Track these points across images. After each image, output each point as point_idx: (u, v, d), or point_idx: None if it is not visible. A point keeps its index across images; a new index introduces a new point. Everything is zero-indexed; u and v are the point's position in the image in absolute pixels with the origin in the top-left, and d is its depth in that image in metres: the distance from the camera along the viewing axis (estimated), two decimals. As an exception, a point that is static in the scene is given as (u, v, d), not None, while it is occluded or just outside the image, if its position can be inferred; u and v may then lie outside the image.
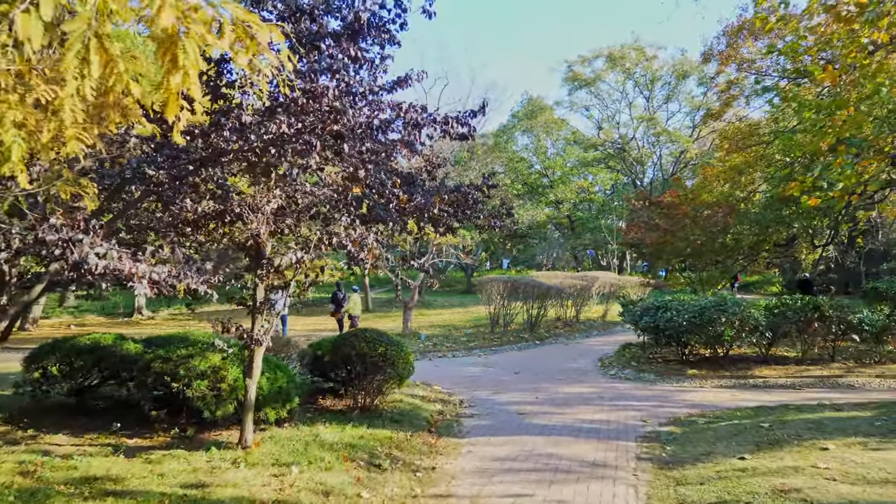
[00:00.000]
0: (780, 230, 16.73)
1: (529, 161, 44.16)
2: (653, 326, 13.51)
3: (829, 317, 12.85)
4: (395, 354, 8.63)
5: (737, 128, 18.55)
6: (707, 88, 40.39)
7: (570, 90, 42.93)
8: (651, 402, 10.46)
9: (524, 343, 18.96)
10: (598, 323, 23.54)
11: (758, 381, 12.27)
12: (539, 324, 20.93)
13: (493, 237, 37.66)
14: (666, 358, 14.55)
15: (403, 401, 9.78)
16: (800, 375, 12.51)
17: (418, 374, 13.34)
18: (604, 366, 14.60)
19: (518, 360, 15.81)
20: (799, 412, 9.10)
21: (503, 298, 20.46)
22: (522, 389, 11.81)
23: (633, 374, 13.36)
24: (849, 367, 13.14)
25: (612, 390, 11.67)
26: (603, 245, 42.43)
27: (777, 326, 13.01)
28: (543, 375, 13.45)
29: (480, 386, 12.23)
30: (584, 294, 23.05)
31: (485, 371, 14.22)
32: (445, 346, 18.08)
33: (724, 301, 12.88)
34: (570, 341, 19.72)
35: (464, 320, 25.52)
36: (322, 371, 9.36)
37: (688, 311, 12.89)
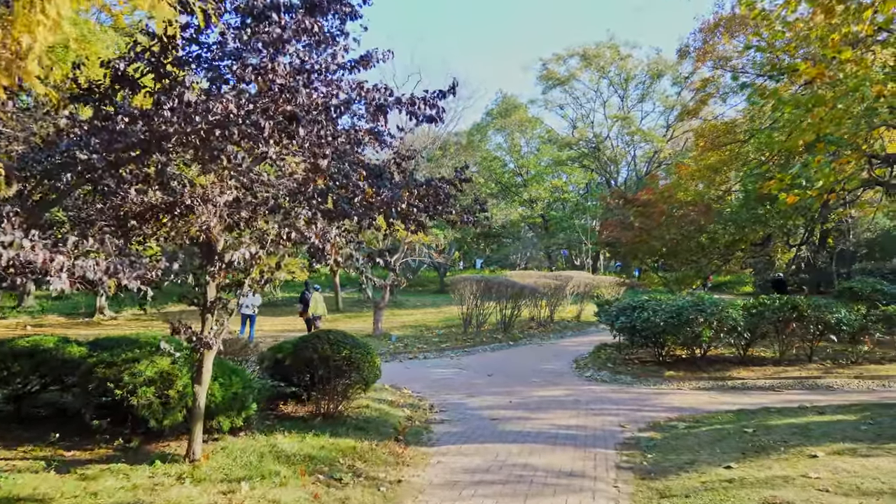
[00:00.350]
0: (756, 229, 16.56)
1: (503, 160, 43.80)
2: (629, 327, 13.16)
3: (808, 317, 12.63)
4: (361, 357, 8.10)
5: (713, 126, 18.36)
6: (681, 88, 40.44)
7: (545, 89, 42.76)
8: (629, 406, 10.07)
9: (497, 344, 18.54)
10: (573, 323, 23.23)
11: (736, 383, 11.98)
12: (513, 324, 20.53)
13: (467, 236, 37.18)
14: (642, 359, 14.22)
15: (370, 406, 9.26)
16: (778, 377, 12.26)
17: (388, 377, 12.83)
18: (579, 367, 14.23)
19: (491, 362, 15.38)
20: (782, 416, 8.77)
21: (476, 298, 20.02)
22: (496, 393, 11.36)
23: (610, 375, 12.99)
24: (826, 368, 12.93)
25: (588, 393, 11.27)
26: (577, 245, 42.24)
27: (755, 327, 12.75)
28: (517, 378, 13.02)
29: (452, 389, 11.75)
30: (559, 294, 22.72)
31: (457, 373, 13.75)
32: (417, 348, 17.58)
33: (702, 301, 12.58)
34: (545, 342, 19.35)
35: (436, 320, 25.04)
36: (284, 375, 8.78)
37: (665, 312, 12.57)
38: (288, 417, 8.45)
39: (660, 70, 40.14)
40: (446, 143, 36.95)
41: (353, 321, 26.26)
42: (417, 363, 15.44)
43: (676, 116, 22.02)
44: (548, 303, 22.53)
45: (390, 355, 16.54)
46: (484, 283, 19.71)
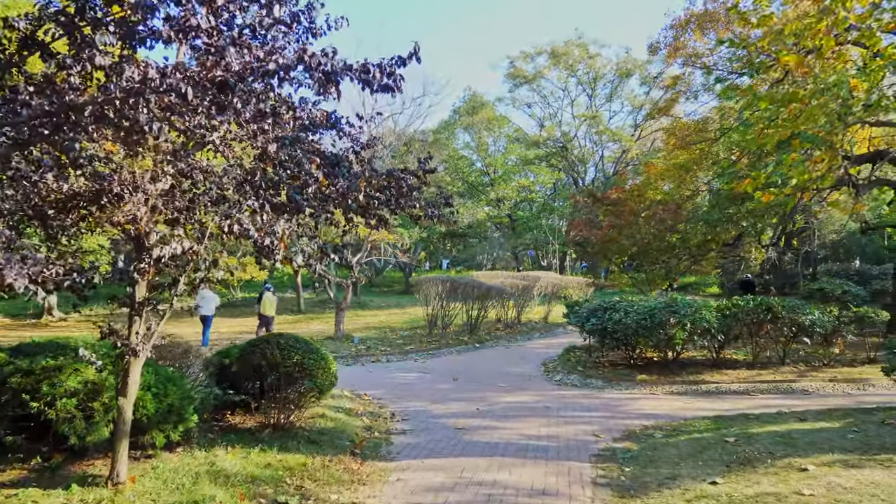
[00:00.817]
0: (728, 229, 16.29)
1: (470, 159, 43.26)
2: (600, 329, 12.67)
3: (782, 318, 12.30)
4: (314, 363, 7.40)
5: (684, 124, 18.07)
6: (650, 87, 40.38)
7: (512, 87, 42.28)
8: (602, 413, 9.54)
9: (463, 346, 17.94)
10: (540, 324, 22.76)
11: (710, 387, 11.58)
12: (479, 326, 19.97)
13: (433, 235, 36.55)
14: (613, 362, 13.76)
15: (326, 415, 8.55)
16: (752, 380, 11.90)
17: (348, 382, 12.13)
18: (548, 371, 13.70)
19: (457, 365, 14.76)
20: (762, 423, 8.34)
21: (442, 299, 19.41)
22: (462, 399, 10.74)
23: (580, 380, 12.49)
24: (800, 371, 12.64)
25: (558, 399, 10.73)
26: (544, 245, 41.90)
27: (728, 329, 12.38)
28: (484, 382, 12.43)
29: (415, 395, 11.10)
30: (526, 295, 22.23)
31: (421, 377, 13.10)
32: (380, 350, 16.88)
33: (675, 302, 12.16)
34: (512, 344, 18.82)
35: (401, 322, 24.35)
36: (231, 382, 8.04)
37: (637, 313, 12.11)
38: (234, 429, 7.70)
39: (628, 69, 40.00)
40: (411, 141, 36.25)
41: (314, 322, 25.45)
42: (380, 366, 14.76)
43: (646, 114, 21.68)
44: (515, 304, 22.03)
45: (352, 358, 15.83)
46: (450, 284, 19.11)
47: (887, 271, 21.71)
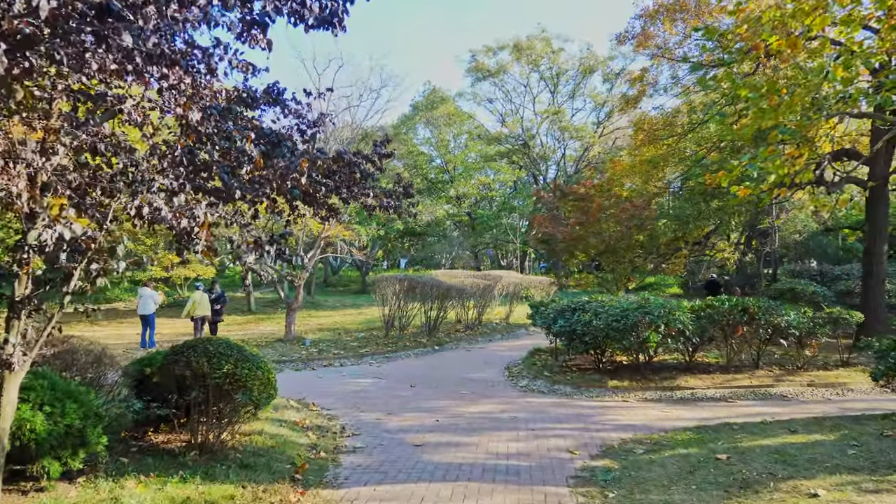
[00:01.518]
0: (699, 225, 15.72)
1: (430, 155, 42.24)
2: (568, 331, 11.85)
3: (758, 320, 11.67)
4: (249, 374, 6.32)
5: (652, 119, 17.48)
6: (612, 85, 40.00)
7: (474, 81, 41.22)
8: (574, 424, 8.69)
9: (422, 349, 16.98)
10: (502, 325, 21.94)
11: (685, 393, 10.87)
12: (438, 327, 19.03)
13: (390, 233, 35.44)
14: (580, 366, 12.97)
15: (265, 432, 7.47)
16: (728, 385, 11.23)
17: (296, 389, 11.07)
18: (512, 376, 12.85)
19: (415, 370, 13.79)
20: (751, 436, 7.58)
21: (399, 299, 18.40)
22: (420, 409, 9.77)
23: (547, 385, 11.66)
24: (776, 375, 12.04)
25: (526, 408, 9.85)
26: (504, 244, 41.19)
27: (703, 331, 11.70)
28: (445, 389, 11.49)
29: (369, 404, 10.09)
30: (487, 294, 21.38)
31: (376, 383, 12.09)
32: (333, 353, 15.79)
33: (648, 302, 11.41)
34: (473, 346, 17.93)
35: (356, 323, 23.24)
36: (155, 394, 6.92)
37: (608, 314, 11.32)
38: (155, 450, 6.58)
39: (591, 66, 39.48)
40: (368, 136, 35.08)
41: (265, 323, 24.16)
42: (332, 371, 13.68)
43: (617, 107, 20.83)
44: (476, 304, 21.17)
45: (302, 362, 14.72)
46: (408, 283, 18.12)
47: (849, 272, 21.55)
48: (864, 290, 16.22)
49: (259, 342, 17.73)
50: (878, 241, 16.29)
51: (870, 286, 16.22)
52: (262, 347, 16.65)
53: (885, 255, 16.42)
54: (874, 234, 16.26)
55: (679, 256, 17.41)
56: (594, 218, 15.67)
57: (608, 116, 41.25)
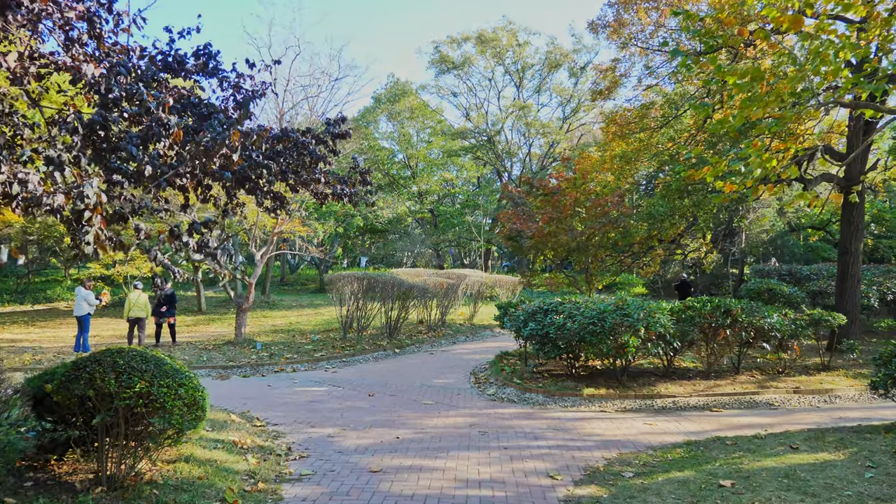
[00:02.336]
0: (675, 223, 15.02)
1: (392, 150, 40.98)
2: (540, 335, 10.95)
3: (741, 322, 10.95)
4: (168, 394, 5.20)
5: (626, 111, 16.72)
6: (578, 80, 39.32)
7: (438, 73, 39.91)
8: (551, 441, 7.77)
9: (382, 352, 15.93)
10: (466, 326, 21.00)
11: (667, 402, 10.08)
12: (399, 328, 17.99)
13: (350, 230, 34.17)
14: (553, 372, 12.10)
15: (194, 457, 6.35)
16: (711, 393, 10.47)
17: (240, 400, 9.98)
18: (479, 382, 11.91)
19: (374, 376, 12.76)
20: (752, 455, 6.76)
21: (358, 299, 17.30)
22: (379, 422, 8.75)
23: (517, 394, 10.74)
24: (758, 381, 11.34)
25: (496, 420, 8.91)
26: (467, 242, 40.26)
27: (684, 334, 10.93)
28: (406, 398, 10.49)
29: (322, 417, 9.03)
30: (451, 294, 20.43)
31: (331, 392, 11.01)
32: (285, 358, 14.63)
33: (626, 304, 10.58)
34: (436, 349, 16.95)
35: (313, 324, 22.05)
36: (58, 415, 5.77)
37: (584, 317, 10.45)
38: (58, 483, 5.44)
39: (556, 60, 38.65)
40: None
41: (214, 324, 22.76)
42: (284, 378, 12.55)
43: (587, 97, 19.89)
44: (439, 304, 20.19)
45: (251, 368, 13.55)
46: (367, 282, 17.03)
47: (818, 271, 21.21)
48: (840, 290, 15.74)
49: (206, 345, 16.47)
50: (855, 239, 15.83)
51: (846, 287, 15.74)
52: (209, 351, 15.43)
53: (861, 254, 15.99)
54: (850, 232, 15.79)
55: (654, 255, 16.73)
56: (566, 214, 14.84)
57: (574, 112, 40.57)
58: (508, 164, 41.47)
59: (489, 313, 24.09)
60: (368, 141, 37.97)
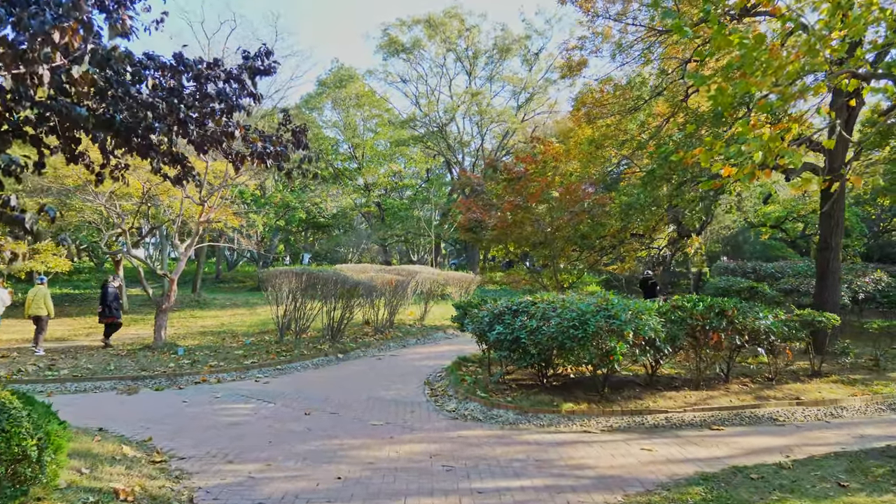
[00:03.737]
0: (655, 214, 13.65)
1: (336, 140, 38.70)
2: (509, 340, 9.32)
3: (737, 324, 9.60)
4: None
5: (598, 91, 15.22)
6: (531, 67, 37.86)
7: (386, 56, 37.61)
8: (536, 479, 6.14)
9: (323, 357, 14.07)
10: (416, 328, 19.26)
11: (659, 419, 8.62)
12: (343, 330, 16.13)
13: (291, 222, 31.90)
14: (520, 381, 10.52)
15: (45, 525, 4.46)
16: (706, 406, 9.06)
17: (144, 421, 8.05)
18: (436, 395, 10.25)
19: (313, 387, 10.94)
20: (794, 497, 5.29)
21: (296, 297, 15.39)
22: (316, 453, 6.97)
23: (483, 410, 9.10)
24: (752, 390, 10.01)
25: (462, 447, 7.24)
26: (416, 237, 38.44)
27: (674, 338, 9.49)
28: (350, 416, 8.73)
29: (244, 447, 7.19)
30: (400, 292, 18.68)
31: (259, 410, 9.15)
32: (210, 365, 12.62)
33: (611, 304, 9.06)
34: (384, 353, 15.19)
35: (247, 325, 19.97)
36: None
37: (562, 319, 8.89)
38: None
39: (508, 45, 37.04)
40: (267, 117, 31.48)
41: (135, 326, 20.43)
42: (205, 391, 10.61)
43: (560, 73, 18.60)
44: (387, 303, 18.41)
45: (168, 378, 11.55)
46: (306, 278, 15.14)
47: (784, 269, 20.35)
48: (820, 288, 14.70)
49: (119, 350, 14.30)
50: (835, 234, 14.81)
51: (826, 284, 14.72)
52: (121, 357, 13.29)
53: (841, 250, 15.00)
54: (831, 227, 14.76)
55: (628, 249, 15.35)
56: (535, 201, 13.28)
57: (528, 101, 39.11)
58: (460, 157, 39.71)
59: (441, 313, 22.43)
60: (312, 129, 35.71)
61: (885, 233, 30.15)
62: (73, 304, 26.41)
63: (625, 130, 15.77)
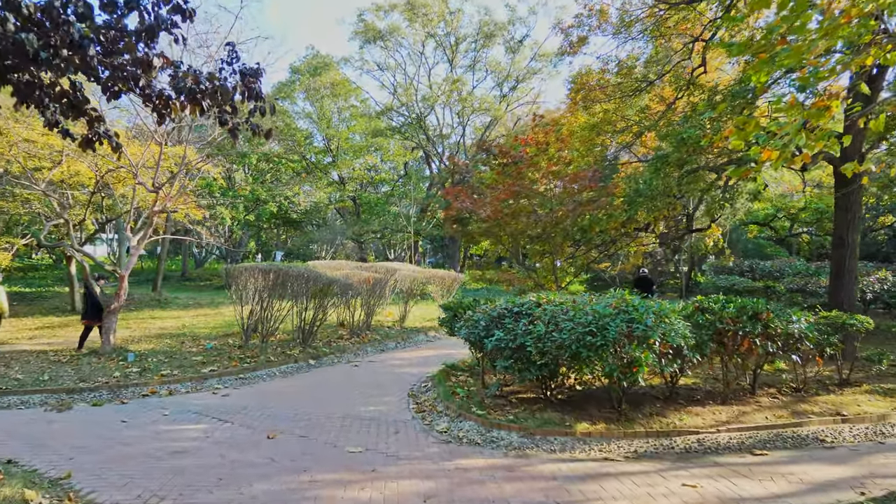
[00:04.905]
0: (669, 203, 12.33)
1: (309, 131, 36.82)
2: (511, 349, 7.93)
3: (772, 329, 8.33)
4: None
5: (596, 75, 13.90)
6: (515, 55, 36.26)
7: (362, 44, 35.55)
8: (564, 534, 4.75)
9: (293, 364, 12.58)
10: (396, 330, 17.77)
11: (690, 441, 7.29)
12: (315, 333, 14.61)
13: (262, 216, 30.09)
14: (519, 395, 9.13)
15: None
16: (740, 425, 7.76)
17: (68, 450, 6.53)
18: (423, 411, 8.82)
19: (279, 400, 9.44)
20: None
21: (263, 297, 13.82)
22: (278, 496, 5.49)
23: (481, 431, 7.69)
24: (784, 404, 8.75)
25: (462, 487, 5.82)
26: (394, 233, 36.80)
27: (701, 345, 8.18)
28: (322, 440, 7.26)
29: (183, 487, 5.69)
30: (378, 291, 17.20)
31: (213, 432, 7.64)
32: (161, 374, 11.04)
33: (631, 306, 7.71)
34: (361, 358, 13.71)
35: (211, 326, 18.32)
36: None
37: (576, 323, 7.52)
38: None
39: (491, 31, 35.50)
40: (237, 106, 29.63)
41: (85, 328, 18.57)
42: (152, 406, 9.05)
43: (556, 54, 17.14)
44: (364, 303, 16.92)
45: (110, 390, 10.00)
46: (275, 275, 13.58)
47: (782, 268, 19.28)
48: (835, 287, 13.56)
49: (61, 356, 12.63)
50: (852, 228, 13.68)
51: (842, 284, 13.58)
52: (60, 365, 11.67)
53: (857, 247, 13.89)
54: (847, 220, 13.63)
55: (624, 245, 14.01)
56: (536, 189, 11.82)
57: (513, 89, 37.61)
58: (440, 149, 38.09)
59: (421, 314, 21.00)
60: (284, 119, 33.91)
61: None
62: (22, 302, 24.42)
63: (624, 116, 14.49)
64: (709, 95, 10.78)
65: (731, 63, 13.64)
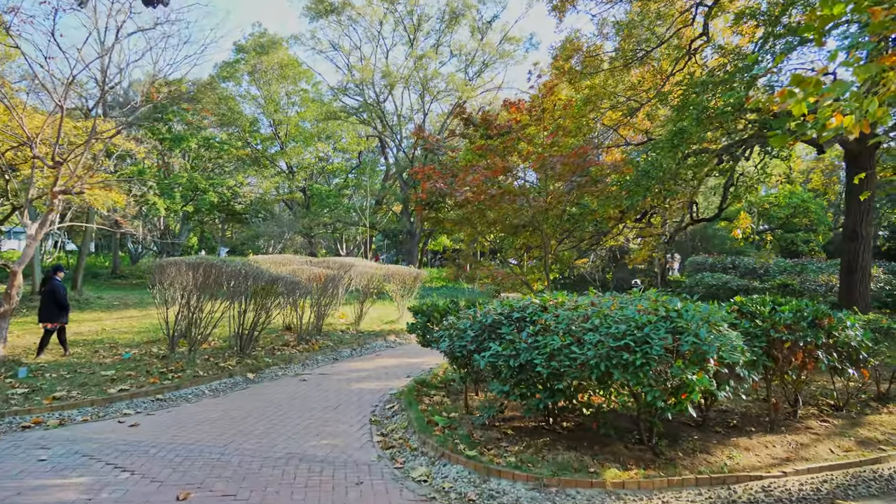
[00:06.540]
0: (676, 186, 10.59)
1: (255, 117, 34.05)
2: (514, 368, 5.96)
3: (835, 338, 6.62)
4: None
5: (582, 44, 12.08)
6: (483, 36, 34.15)
7: (314, 17, 32.76)
8: None
9: (227, 378, 10.41)
10: (350, 334, 15.63)
11: (753, 490, 5.49)
12: (256, 339, 12.40)
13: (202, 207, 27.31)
14: (513, 421, 7.19)
15: None
16: (808, 465, 5.99)
17: None
18: (391, 447, 6.81)
19: (203, 431, 7.30)
20: None
21: (191, 295, 11.54)
22: None
23: (472, 480, 5.71)
24: (839, 429, 7.06)
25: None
26: (346, 227, 34.41)
27: (755, 361, 6.39)
28: (259, 499, 5.18)
29: None
30: (331, 290, 15.06)
31: (99, 489, 5.48)
32: (53, 397, 8.72)
33: (673, 311, 5.83)
34: (311, 370, 11.61)
35: (135, 330, 15.82)
36: None
37: (603, 335, 5.61)
38: None
39: (458, 10, 33.35)
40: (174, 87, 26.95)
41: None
42: (30, 444, 6.81)
43: (551, 7, 15.48)
44: (314, 303, 14.77)
45: (-19, 420, 7.64)
46: (206, 270, 11.33)
47: (768, 265, 17.93)
48: (847, 284, 12.15)
49: (-67, 372, 10.10)
50: (865, 222, 12.29)
51: (855, 280, 12.20)
52: (-75, 384, 9.18)
53: (871, 240, 12.49)
54: (861, 212, 12.22)
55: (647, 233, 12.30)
56: (538, 164, 9.86)
57: (479, 74, 35.59)
58: (399, 138, 35.69)
59: (379, 315, 18.92)
60: (227, 103, 31.17)
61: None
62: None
63: (613, 92, 12.73)
64: (731, 57, 9.10)
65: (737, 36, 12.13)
